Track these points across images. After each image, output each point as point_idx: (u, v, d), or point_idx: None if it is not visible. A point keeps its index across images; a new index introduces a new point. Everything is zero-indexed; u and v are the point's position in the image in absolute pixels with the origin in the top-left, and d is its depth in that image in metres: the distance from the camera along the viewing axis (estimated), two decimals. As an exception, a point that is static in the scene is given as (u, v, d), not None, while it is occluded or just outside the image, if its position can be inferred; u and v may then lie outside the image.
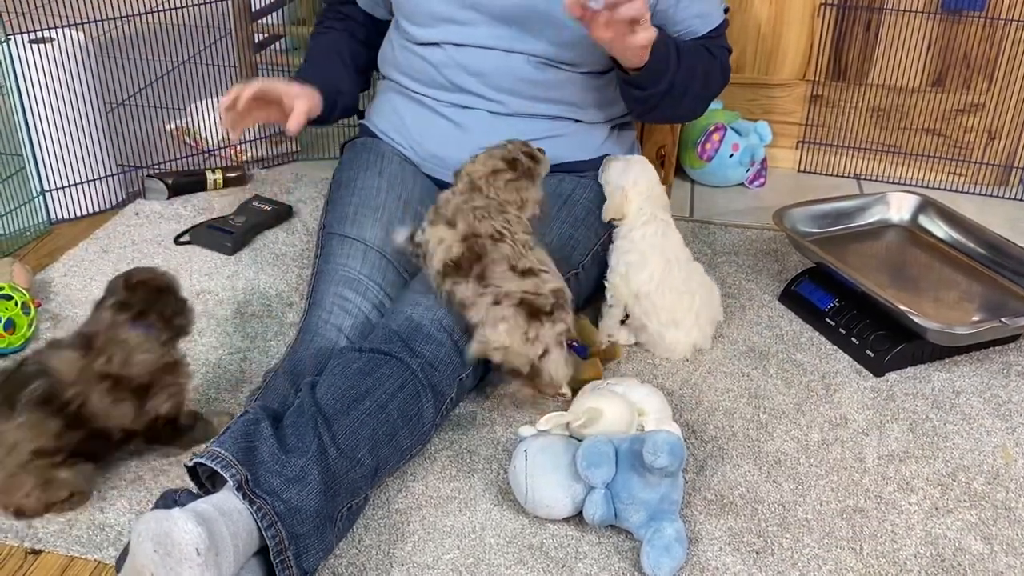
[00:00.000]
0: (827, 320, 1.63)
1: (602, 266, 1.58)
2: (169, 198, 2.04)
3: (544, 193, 1.41)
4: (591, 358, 1.48)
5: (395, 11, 1.60)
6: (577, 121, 1.61)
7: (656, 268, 1.51)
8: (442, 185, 1.62)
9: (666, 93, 1.49)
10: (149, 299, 1.27)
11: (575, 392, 1.35)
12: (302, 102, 1.46)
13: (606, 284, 1.56)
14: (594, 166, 1.63)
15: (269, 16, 2.51)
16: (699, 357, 1.58)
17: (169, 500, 1.13)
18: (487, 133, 1.55)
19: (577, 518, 1.24)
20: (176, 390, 1.27)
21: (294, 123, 1.45)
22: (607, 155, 1.63)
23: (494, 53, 1.52)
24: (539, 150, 1.44)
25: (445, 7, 1.51)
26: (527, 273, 1.29)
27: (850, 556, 1.21)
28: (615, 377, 1.49)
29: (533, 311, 1.27)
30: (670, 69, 1.47)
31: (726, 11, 1.63)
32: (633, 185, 1.54)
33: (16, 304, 1.52)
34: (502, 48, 1.52)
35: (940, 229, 1.81)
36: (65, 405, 1.18)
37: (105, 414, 1.21)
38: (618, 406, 1.28)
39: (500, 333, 1.26)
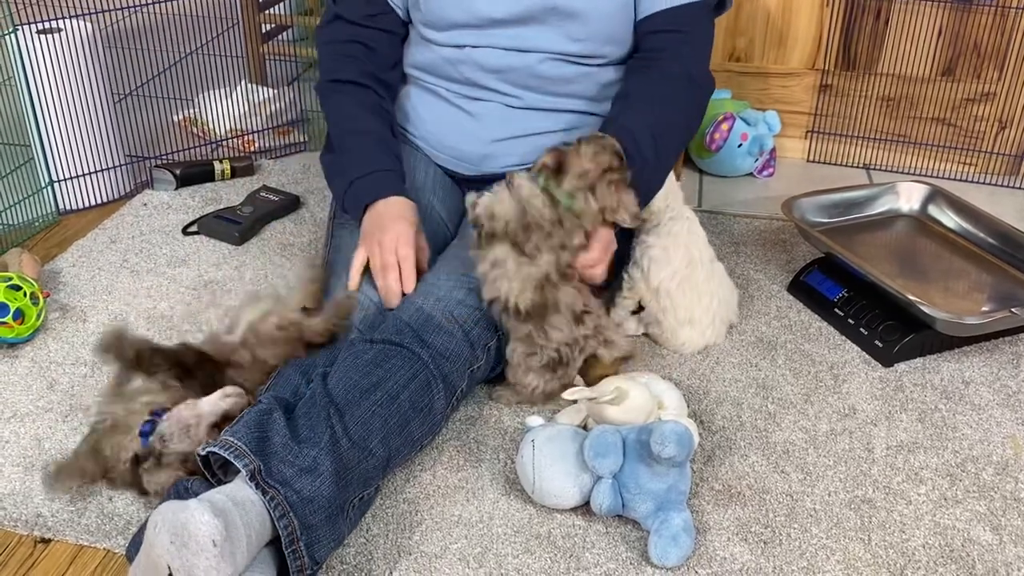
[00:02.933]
0: (836, 310, 1.63)
1: (618, 257, 1.57)
2: (177, 188, 2.04)
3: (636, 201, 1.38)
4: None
5: (412, 15, 1.60)
6: (593, 115, 1.60)
7: (680, 265, 1.51)
8: (454, 175, 1.62)
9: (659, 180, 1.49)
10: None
11: (590, 386, 1.35)
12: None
13: (624, 275, 1.55)
14: None
15: (276, 6, 2.51)
16: (707, 348, 1.57)
17: (181, 489, 1.13)
18: (502, 124, 1.55)
19: (584, 508, 1.24)
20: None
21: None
22: None
23: (510, 53, 1.51)
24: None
25: (460, 14, 1.50)
26: (581, 317, 1.34)
27: (858, 546, 1.21)
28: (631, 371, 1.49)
29: (556, 364, 1.35)
30: (654, 187, 1.47)
31: (722, 7, 1.57)
32: None
33: (25, 294, 1.52)
34: (519, 48, 1.51)
35: (950, 219, 1.81)
36: None
37: None
38: (643, 393, 1.29)
39: (530, 379, 1.37)
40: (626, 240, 1.58)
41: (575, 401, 1.35)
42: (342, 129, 1.53)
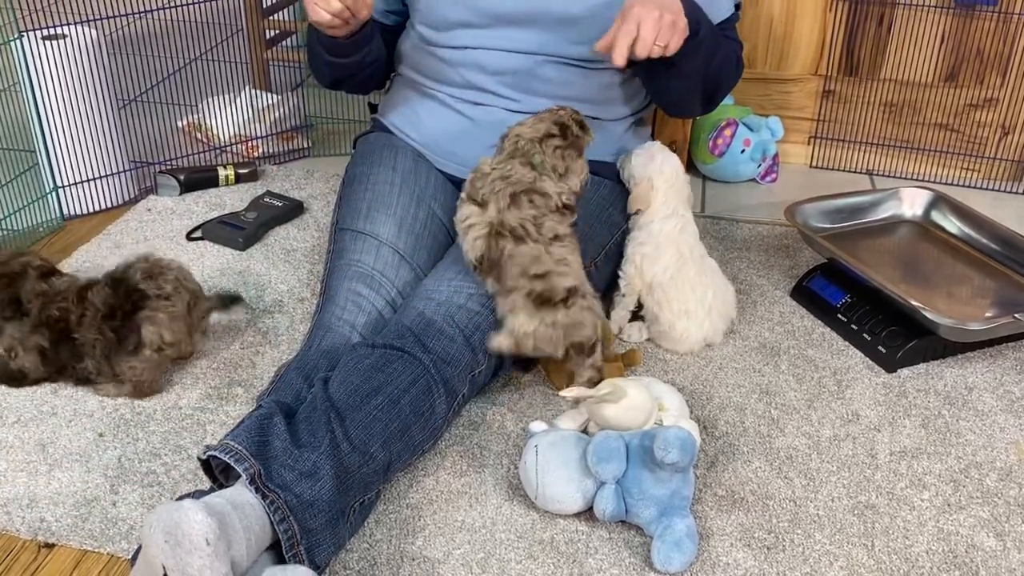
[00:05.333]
0: (839, 316, 1.63)
1: (616, 262, 1.58)
2: (181, 194, 2.05)
3: (587, 168, 1.41)
4: (614, 362, 1.48)
5: (412, 17, 1.60)
6: (594, 118, 1.61)
7: (670, 260, 1.52)
8: (455, 181, 1.63)
9: (700, 71, 1.49)
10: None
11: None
12: None
13: (620, 274, 1.56)
14: (610, 167, 1.63)
15: (280, 12, 2.52)
16: (710, 353, 1.57)
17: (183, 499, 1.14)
18: (502, 129, 1.55)
19: (588, 513, 1.24)
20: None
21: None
22: (623, 154, 1.62)
23: (511, 55, 1.52)
24: (585, 122, 1.43)
25: (461, 13, 1.51)
26: (539, 277, 1.30)
27: (861, 552, 1.21)
28: (633, 377, 1.49)
29: (543, 300, 1.30)
30: (704, 47, 1.46)
31: (738, 7, 1.62)
32: (659, 174, 1.55)
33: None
34: (519, 50, 1.52)
35: (953, 225, 1.81)
36: None
37: None
38: (641, 392, 1.29)
39: (521, 320, 1.30)
40: (620, 239, 1.59)
41: (575, 404, 1.35)
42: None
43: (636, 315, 1.60)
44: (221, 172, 2.08)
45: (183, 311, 1.41)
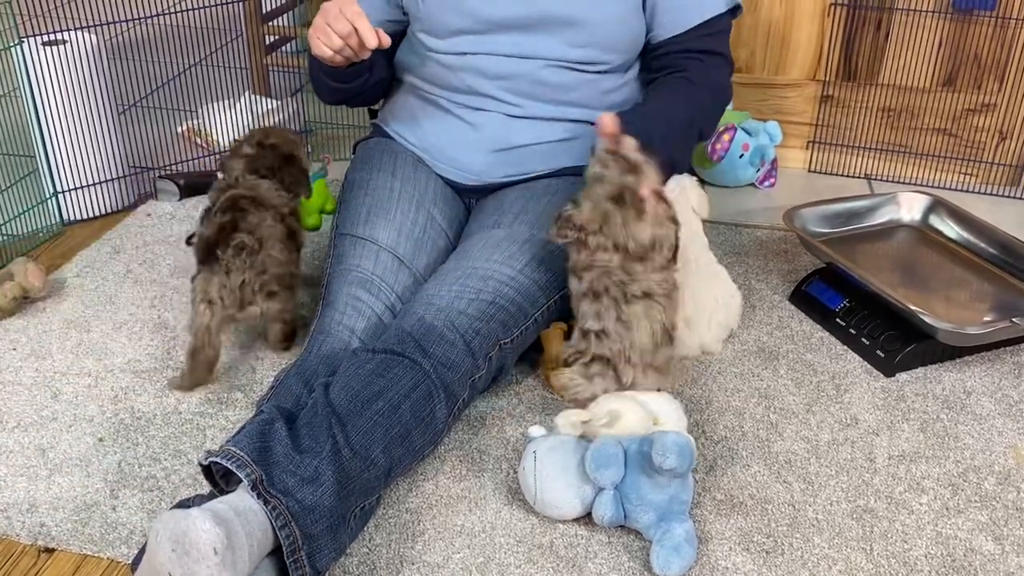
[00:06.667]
0: (837, 320, 1.63)
1: None
2: (181, 199, 2.05)
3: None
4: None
5: (412, 25, 1.61)
6: (593, 124, 1.61)
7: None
8: (455, 186, 1.63)
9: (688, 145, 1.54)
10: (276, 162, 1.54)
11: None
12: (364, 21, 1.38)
13: None
14: None
15: (280, 18, 2.52)
16: (709, 357, 1.58)
17: (184, 506, 1.14)
18: (502, 135, 1.56)
19: (587, 517, 1.24)
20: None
21: (373, 39, 1.38)
22: None
23: (511, 60, 1.52)
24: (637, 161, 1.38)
25: (461, 20, 1.52)
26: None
27: (860, 556, 1.21)
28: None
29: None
30: (667, 145, 1.48)
31: (736, 11, 1.61)
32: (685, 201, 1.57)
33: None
34: (519, 55, 1.52)
35: (951, 229, 1.81)
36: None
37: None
38: (637, 413, 1.28)
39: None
40: None
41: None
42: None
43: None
44: (220, 177, 2.08)
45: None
